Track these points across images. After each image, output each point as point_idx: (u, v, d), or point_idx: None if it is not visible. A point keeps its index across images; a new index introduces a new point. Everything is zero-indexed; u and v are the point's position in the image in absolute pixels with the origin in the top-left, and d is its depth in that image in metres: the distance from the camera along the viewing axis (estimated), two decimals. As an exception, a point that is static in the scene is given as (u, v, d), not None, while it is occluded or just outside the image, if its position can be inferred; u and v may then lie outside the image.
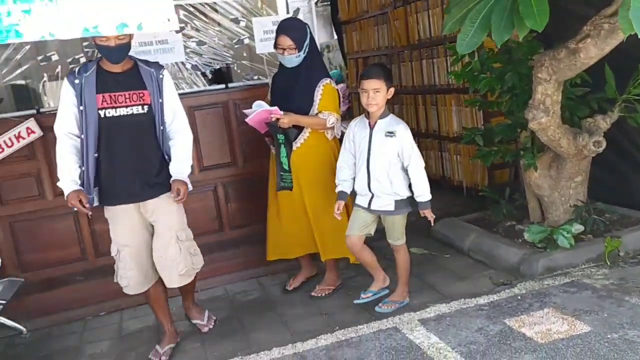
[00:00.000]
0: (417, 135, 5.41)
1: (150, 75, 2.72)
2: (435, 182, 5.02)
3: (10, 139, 3.54)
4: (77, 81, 2.65)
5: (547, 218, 3.74)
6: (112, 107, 2.64)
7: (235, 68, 4.49)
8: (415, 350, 2.67)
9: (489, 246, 3.73)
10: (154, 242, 2.78)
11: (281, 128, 3.10)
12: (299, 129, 3.19)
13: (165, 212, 2.77)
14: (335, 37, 8.25)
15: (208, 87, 4.24)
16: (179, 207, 2.82)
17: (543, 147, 3.61)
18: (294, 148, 3.21)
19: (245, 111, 3.16)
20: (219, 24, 4.25)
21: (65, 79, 2.69)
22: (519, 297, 3.06)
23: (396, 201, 2.98)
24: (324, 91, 3.19)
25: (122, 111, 2.66)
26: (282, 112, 3.06)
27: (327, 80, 3.22)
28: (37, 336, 3.34)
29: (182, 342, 3.06)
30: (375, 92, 2.86)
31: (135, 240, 2.78)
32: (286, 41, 3.14)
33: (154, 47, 3.87)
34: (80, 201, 2.59)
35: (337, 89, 3.29)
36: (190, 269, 2.86)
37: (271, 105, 3.16)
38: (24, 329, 3.29)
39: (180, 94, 2.94)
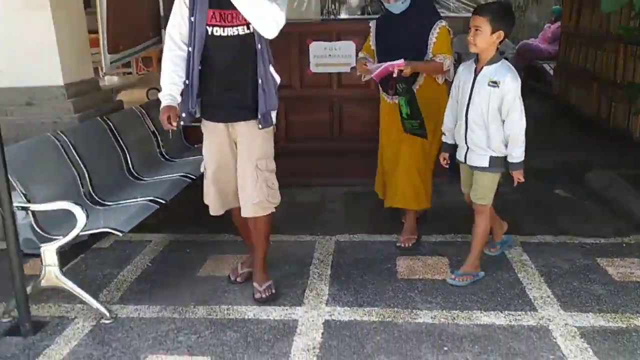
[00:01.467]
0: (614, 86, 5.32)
1: None
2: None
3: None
4: None
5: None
6: (221, 26, 2.54)
7: None
8: (504, 262, 3.17)
9: (627, 200, 3.83)
10: (237, 167, 2.74)
11: (403, 77, 3.05)
12: (414, 75, 3.15)
13: (249, 138, 2.69)
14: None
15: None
16: (264, 135, 2.70)
17: None
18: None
19: (370, 67, 3.18)
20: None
21: None
22: (624, 245, 3.26)
23: (491, 157, 2.78)
24: (440, 34, 3.11)
25: (229, 31, 2.54)
26: (405, 63, 3.00)
27: (443, 23, 3.15)
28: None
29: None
30: (476, 31, 2.65)
31: (219, 161, 2.76)
32: None
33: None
34: (169, 118, 2.59)
35: (451, 31, 3.21)
36: (264, 200, 2.74)
37: (380, 53, 3.22)
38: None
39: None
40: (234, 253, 3.36)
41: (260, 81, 2.59)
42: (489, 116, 2.71)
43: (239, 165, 2.73)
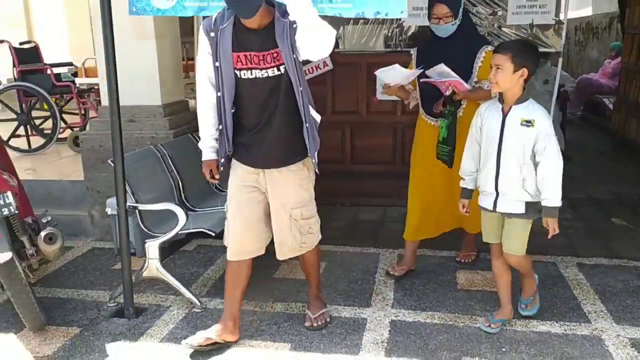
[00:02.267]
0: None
1: (283, 28, 2.36)
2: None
3: (311, 68, 5.05)
4: (212, 34, 2.43)
5: None
6: (248, 69, 2.43)
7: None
8: (560, 279, 3.36)
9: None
10: (270, 211, 2.64)
11: (452, 100, 2.99)
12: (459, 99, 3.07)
13: (284, 185, 2.58)
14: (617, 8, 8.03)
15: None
16: (299, 183, 2.59)
17: None
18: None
19: (429, 73, 3.01)
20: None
21: (201, 27, 2.48)
22: (680, 271, 3.39)
23: (527, 202, 2.58)
24: (486, 58, 3.01)
25: (257, 73, 2.43)
26: (467, 87, 2.94)
27: (489, 47, 3.08)
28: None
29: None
30: (498, 69, 2.51)
31: (241, 207, 2.63)
32: (442, 9, 3.03)
33: None
34: (211, 172, 2.64)
35: None
36: (296, 247, 2.68)
37: (422, 78, 3.11)
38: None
39: None
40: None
41: (306, 124, 2.52)
42: (524, 157, 2.54)
43: (272, 210, 2.62)
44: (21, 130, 5.50)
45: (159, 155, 3.60)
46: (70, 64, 6.22)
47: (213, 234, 3.15)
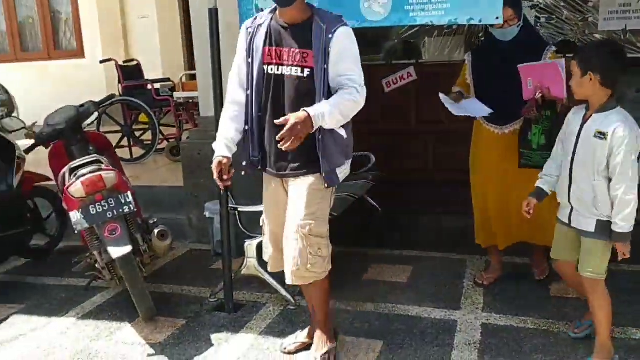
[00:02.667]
0: None
1: (320, 32, 2.27)
2: None
3: (396, 78, 5.15)
4: (249, 29, 2.41)
5: None
6: (275, 64, 2.35)
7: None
8: (661, 288, 3.24)
9: None
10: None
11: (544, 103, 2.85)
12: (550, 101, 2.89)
13: (298, 195, 2.42)
14: None
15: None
16: (317, 194, 2.40)
17: None
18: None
19: (524, 67, 2.84)
20: None
21: (243, 25, 2.48)
22: None
23: (599, 221, 2.36)
24: (551, 60, 2.93)
25: (284, 70, 2.34)
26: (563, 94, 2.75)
27: (554, 48, 3.04)
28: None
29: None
30: (573, 75, 2.40)
31: (275, 216, 2.56)
32: (507, 12, 2.90)
33: None
34: (220, 173, 2.44)
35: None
36: (302, 268, 2.43)
37: (480, 85, 3.14)
38: (379, 209, 4.92)
39: None
40: (394, 264, 3.79)
41: (319, 136, 2.32)
42: (596, 173, 2.33)
43: (285, 224, 2.47)
44: (124, 141, 5.97)
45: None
46: (168, 79, 6.67)
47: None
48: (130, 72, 6.19)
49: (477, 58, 3.24)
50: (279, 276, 3.63)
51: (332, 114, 2.25)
